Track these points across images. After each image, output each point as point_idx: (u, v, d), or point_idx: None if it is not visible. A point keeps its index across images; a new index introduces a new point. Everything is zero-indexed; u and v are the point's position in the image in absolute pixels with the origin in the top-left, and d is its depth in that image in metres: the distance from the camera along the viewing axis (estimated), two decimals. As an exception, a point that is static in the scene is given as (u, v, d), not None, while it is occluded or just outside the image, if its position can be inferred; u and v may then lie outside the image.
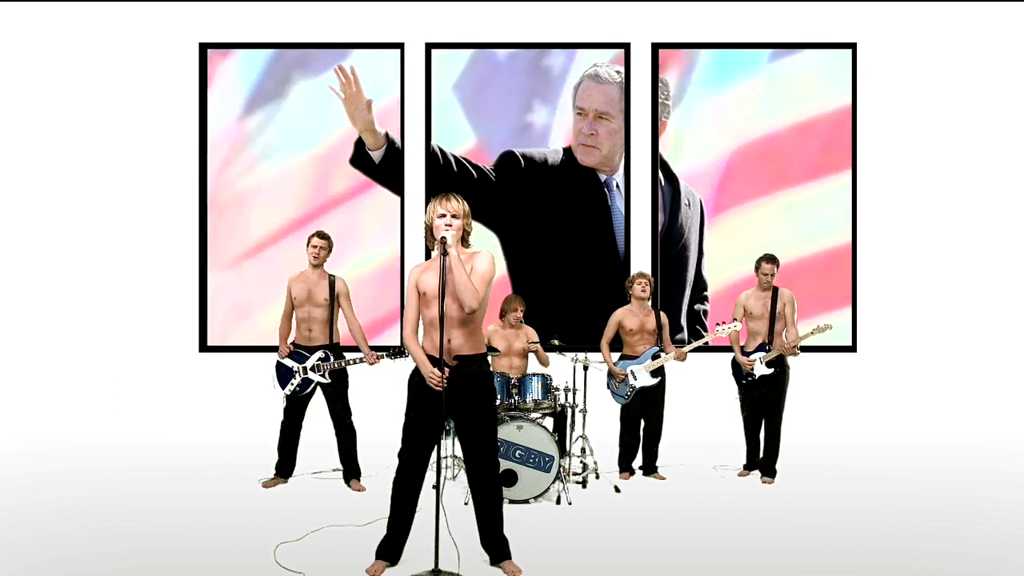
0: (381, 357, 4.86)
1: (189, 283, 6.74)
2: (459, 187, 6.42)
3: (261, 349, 6.48)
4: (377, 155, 6.76)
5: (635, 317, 5.37)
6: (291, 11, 6.74)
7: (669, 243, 6.80)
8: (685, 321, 6.78)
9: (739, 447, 5.43)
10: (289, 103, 6.75)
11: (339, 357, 4.96)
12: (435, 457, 3.37)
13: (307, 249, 5.02)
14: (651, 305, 5.46)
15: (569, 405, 5.11)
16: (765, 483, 5.11)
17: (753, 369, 5.24)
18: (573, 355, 5.26)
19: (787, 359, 5.25)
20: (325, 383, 4.95)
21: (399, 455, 3.43)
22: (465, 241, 3.41)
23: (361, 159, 6.76)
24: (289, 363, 4.98)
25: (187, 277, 6.74)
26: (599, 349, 5.43)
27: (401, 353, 4.75)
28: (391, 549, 3.44)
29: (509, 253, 6.79)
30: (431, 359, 3.35)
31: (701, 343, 5.37)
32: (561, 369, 5.46)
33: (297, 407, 5.01)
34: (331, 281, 5.00)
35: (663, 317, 5.47)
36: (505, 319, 5.38)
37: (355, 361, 4.92)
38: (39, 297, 6.69)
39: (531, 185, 6.78)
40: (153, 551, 3.69)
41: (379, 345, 5.10)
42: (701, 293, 6.80)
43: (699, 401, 5.99)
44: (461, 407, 3.39)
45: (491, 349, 5.12)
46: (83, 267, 6.70)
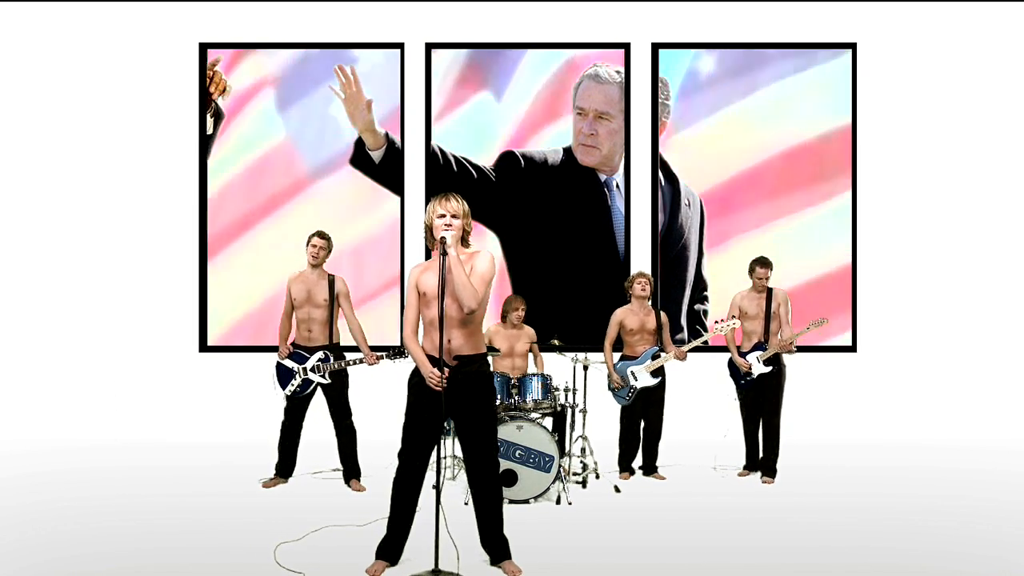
0: (381, 357, 4.86)
1: (189, 283, 6.74)
2: (459, 187, 6.41)
3: (261, 349, 6.49)
4: (377, 155, 6.76)
5: (635, 317, 5.37)
6: (291, 11, 6.74)
7: (669, 243, 6.80)
8: (685, 321, 6.78)
9: (739, 447, 5.43)
10: (291, 102, 6.77)
11: (339, 357, 4.96)
12: (435, 457, 3.37)
13: (306, 249, 5.01)
14: (651, 305, 5.46)
15: (569, 405, 5.11)
16: (765, 483, 5.11)
17: (751, 369, 5.24)
18: (573, 355, 5.27)
19: (783, 358, 5.26)
20: (325, 383, 4.95)
21: (399, 455, 3.43)
22: (465, 241, 3.41)
23: (361, 159, 6.76)
24: (289, 364, 4.98)
25: (187, 277, 6.74)
26: (599, 349, 5.44)
27: (401, 354, 4.75)
28: (391, 549, 3.44)
29: (509, 253, 6.78)
30: (431, 359, 3.34)
31: (700, 342, 5.37)
32: (561, 369, 5.46)
33: (297, 407, 5.01)
34: (331, 281, 5.00)
35: (663, 317, 5.48)
36: (507, 319, 5.39)
37: (355, 361, 4.92)
38: (39, 297, 6.69)
39: (531, 185, 6.78)
40: (153, 551, 3.69)
41: (379, 345, 5.10)
42: (701, 293, 6.80)
43: (699, 401, 5.98)
44: (461, 407, 3.39)
45: (492, 349, 5.12)
46: (83, 267, 6.70)
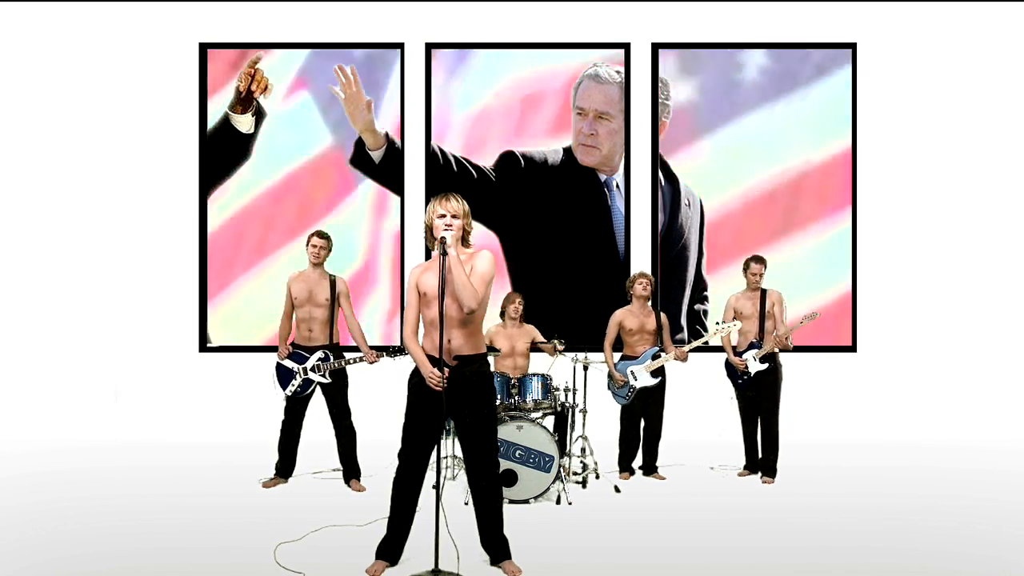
0: (381, 356, 4.86)
1: (189, 283, 6.74)
2: (459, 187, 6.41)
3: (261, 349, 6.49)
4: (377, 155, 6.76)
5: (635, 317, 5.37)
6: (291, 11, 6.74)
7: (669, 243, 6.80)
8: (685, 321, 6.78)
9: (738, 447, 5.43)
10: (290, 101, 6.77)
11: (339, 357, 4.96)
12: (435, 457, 3.37)
13: (307, 249, 5.01)
14: (651, 305, 5.46)
15: (569, 405, 5.11)
16: (765, 483, 5.11)
17: (748, 367, 5.24)
18: (573, 355, 5.26)
19: (779, 357, 5.26)
20: (325, 383, 4.95)
21: (399, 455, 3.43)
22: (465, 241, 3.41)
23: (361, 159, 6.76)
24: (289, 364, 4.98)
25: (187, 277, 6.74)
26: (600, 349, 5.44)
27: (400, 351, 4.75)
28: (391, 549, 3.44)
29: (509, 253, 6.78)
30: (431, 359, 3.35)
31: (700, 343, 5.37)
32: (561, 369, 5.46)
33: (297, 407, 5.00)
34: (332, 281, 5.00)
35: (663, 318, 5.47)
36: (505, 316, 5.38)
37: (355, 361, 4.92)
38: (39, 297, 6.69)
39: (531, 185, 6.78)
40: (153, 551, 3.69)
41: (378, 345, 5.10)
42: (701, 293, 6.80)
43: (699, 401, 5.99)
44: (461, 407, 3.39)
45: (492, 349, 5.12)
46: (83, 267, 6.70)
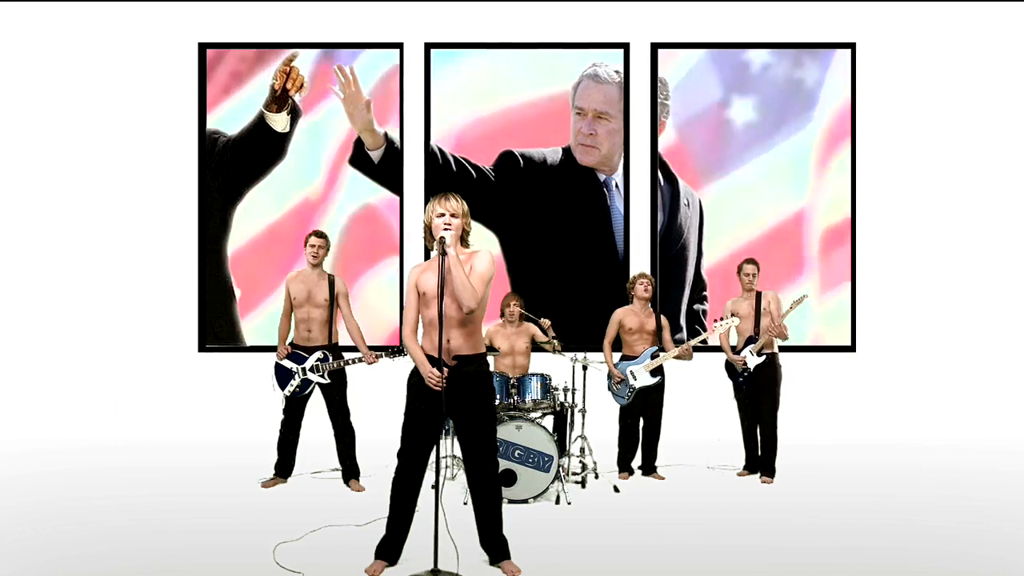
0: (380, 357, 4.86)
1: (189, 283, 6.74)
2: (458, 187, 6.43)
3: (260, 349, 6.49)
4: (376, 155, 6.76)
5: (636, 317, 5.37)
6: (290, 11, 6.74)
7: (668, 243, 6.80)
8: (684, 321, 6.78)
9: (737, 447, 5.43)
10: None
11: (338, 357, 4.96)
12: (434, 457, 3.37)
13: (305, 248, 5.00)
14: (651, 306, 5.46)
15: (568, 405, 5.11)
16: (764, 482, 5.11)
17: (746, 363, 5.24)
18: (573, 355, 5.27)
19: (779, 358, 5.25)
20: (324, 383, 4.95)
21: (398, 455, 3.43)
22: (464, 241, 3.41)
23: (360, 159, 6.76)
24: (288, 364, 4.98)
25: (187, 277, 6.74)
26: (599, 349, 5.43)
27: (400, 352, 4.74)
28: (390, 549, 3.44)
29: (508, 253, 6.78)
30: (430, 359, 3.35)
31: (699, 340, 5.37)
32: (561, 369, 5.46)
33: (296, 407, 5.00)
34: (330, 281, 5.00)
35: (663, 319, 5.48)
36: (504, 317, 5.38)
37: (354, 361, 4.92)
38: (39, 297, 6.69)
39: (530, 185, 6.78)
40: (153, 551, 3.69)
41: (378, 345, 5.10)
42: (700, 293, 6.80)
43: (698, 401, 5.98)
44: (460, 407, 3.39)
45: (492, 349, 5.12)
46: (83, 267, 6.70)
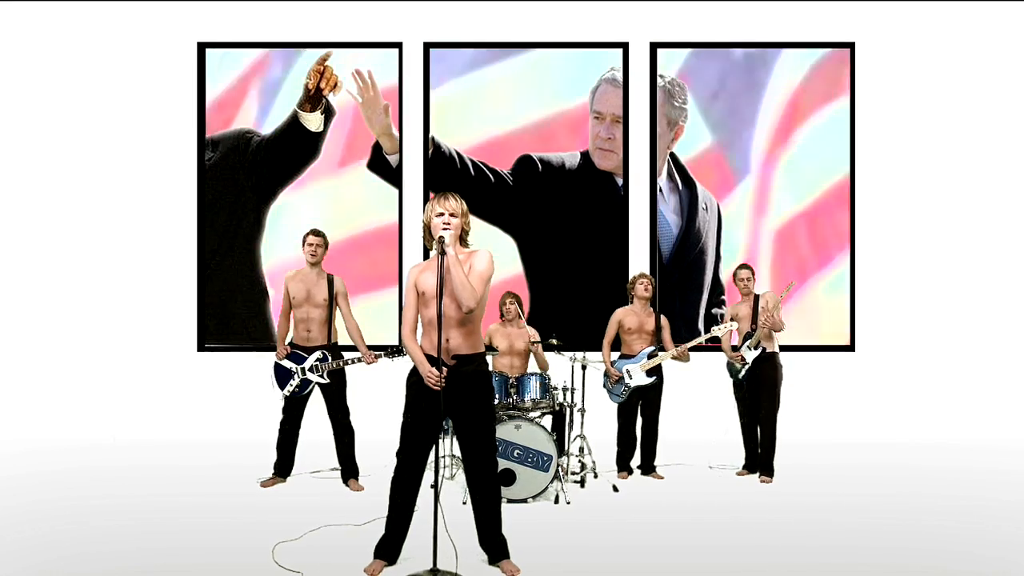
0: (379, 357, 4.86)
1: (188, 282, 6.74)
2: (476, 192, 6.49)
3: (260, 348, 6.49)
4: (394, 159, 6.75)
5: (636, 317, 5.37)
6: (290, 11, 6.74)
7: (687, 247, 6.79)
8: (702, 325, 6.74)
9: (737, 447, 5.43)
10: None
11: (337, 357, 4.95)
12: (433, 456, 3.37)
13: (303, 248, 4.98)
14: (651, 307, 5.46)
15: (568, 404, 5.11)
16: (763, 481, 5.11)
17: (743, 357, 5.24)
18: (572, 354, 5.26)
19: (779, 356, 5.25)
20: (324, 383, 4.94)
21: (397, 454, 3.43)
22: (464, 240, 3.41)
23: (378, 163, 6.75)
24: (288, 364, 4.98)
25: (186, 276, 6.74)
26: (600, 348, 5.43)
27: (399, 352, 4.74)
28: (389, 548, 3.44)
29: (526, 257, 6.77)
30: (429, 359, 3.34)
31: (696, 342, 5.36)
32: (560, 369, 5.46)
33: (295, 406, 5.00)
34: (330, 281, 4.99)
35: (663, 319, 5.47)
36: (504, 317, 5.38)
37: (353, 361, 4.91)
38: (38, 297, 6.69)
39: (548, 189, 6.77)
40: (152, 551, 3.69)
41: (377, 345, 5.09)
42: (718, 297, 6.78)
43: (697, 401, 5.98)
44: (459, 407, 3.38)
45: (491, 348, 5.11)
46: (82, 267, 6.70)
